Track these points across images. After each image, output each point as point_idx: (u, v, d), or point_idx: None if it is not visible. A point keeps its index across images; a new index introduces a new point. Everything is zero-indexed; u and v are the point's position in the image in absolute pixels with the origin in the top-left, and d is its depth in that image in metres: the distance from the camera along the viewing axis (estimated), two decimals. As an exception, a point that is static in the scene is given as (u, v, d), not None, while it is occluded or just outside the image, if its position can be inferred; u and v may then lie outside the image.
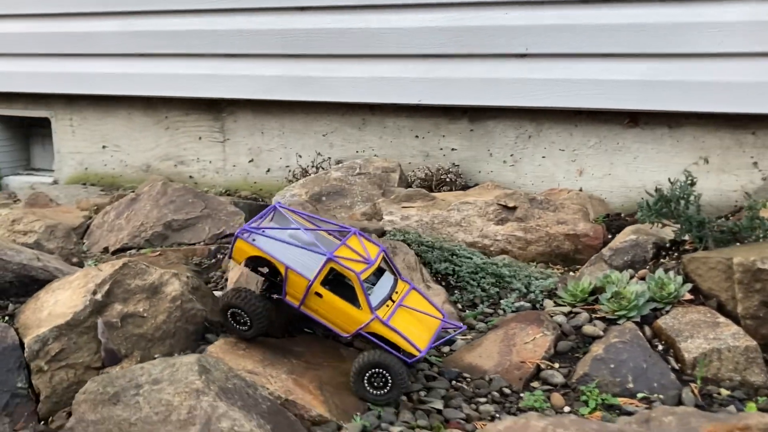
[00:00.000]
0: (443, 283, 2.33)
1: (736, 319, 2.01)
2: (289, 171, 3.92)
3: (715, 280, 2.05)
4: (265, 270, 1.86)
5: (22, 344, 1.60)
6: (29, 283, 1.81)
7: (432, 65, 3.63)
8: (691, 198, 2.22)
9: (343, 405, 1.61)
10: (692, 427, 1.44)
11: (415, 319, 1.85)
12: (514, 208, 3.01)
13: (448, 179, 3.68)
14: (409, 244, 2.35)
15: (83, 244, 3.20)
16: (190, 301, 1.78)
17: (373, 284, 1.89)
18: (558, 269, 2.81)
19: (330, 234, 1.99)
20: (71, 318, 1.60)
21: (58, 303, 1.65)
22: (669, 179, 2.34)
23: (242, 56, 3.94)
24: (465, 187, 3.61)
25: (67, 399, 1.55)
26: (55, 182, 4.55)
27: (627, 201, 3.49)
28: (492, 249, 2.95)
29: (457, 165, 3.75)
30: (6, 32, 4.35)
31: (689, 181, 2.21)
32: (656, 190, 2.26)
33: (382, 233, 2.46)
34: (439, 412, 1.68)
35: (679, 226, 2.23)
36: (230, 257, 1.87)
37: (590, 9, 3.35)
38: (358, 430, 1.53)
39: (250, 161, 4.15)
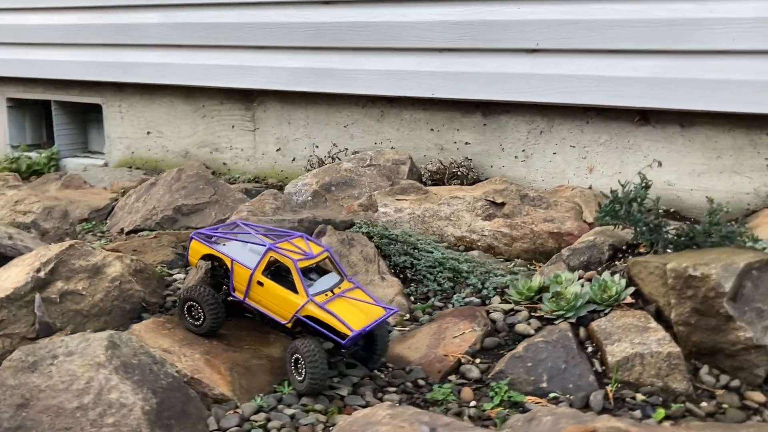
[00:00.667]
0: (401, 276, 2.41)
1: (671, 325, 2.00)
2: (308, 161, 4.07)
3: (654, 285, 2.05)
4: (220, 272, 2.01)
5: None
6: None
7: (446, 59, 3.69)
8: (646, 201, 2.21)
9: (248, 386, 1.74)
10: (560, 427, 1.49)
11: (353, 307, 1.91)
12: (502, 204, 3.05)
13: (459, 173, 3.73)
14: (371, 237, 2.45)
15: (105, 224, 3.47)
16: (129, 282, 1.96)
17: (314, 281, 1.98)
18: (540, 266, 2.83)
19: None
20: (11, 292, 1.81)
21: (8, 278, 1.87)
22: (618, 181, 2.32)
23: (271, 48, 4.11)
24: (476, 181, 3.65)
25: (-1, 365, 1.75)
26: (106, 165, 4.89)
27: (636, 200, 3.44)
28: (479, 244, 3.00)
29: (470, 159, 3.80)
30: (63, 23, 4.70)
31: (643, 184, 2.20)
32: (611, 191, 2.26)
33: (350, 225, 2.56)
34: (342, 398, 1.78)
35: (630, 228, 2.22)
36: (186, 259, 2.04)
37: (600, 4, 3.31)
38: (252, 409, 1.66)
39: (277, 150, 4.33)
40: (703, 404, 1.84)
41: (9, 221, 2.49)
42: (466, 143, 3.83)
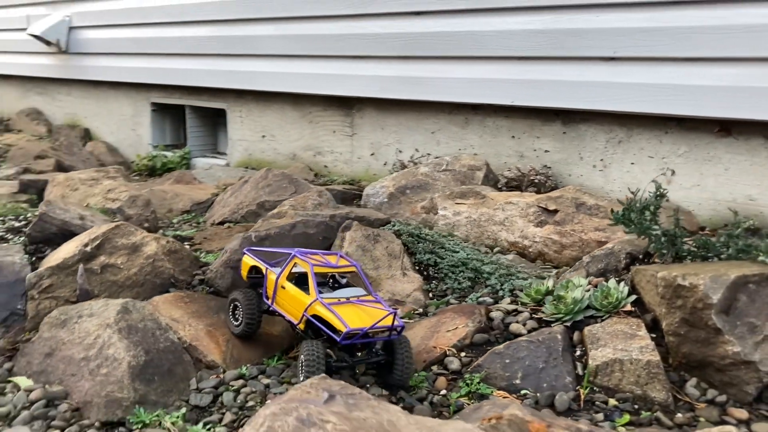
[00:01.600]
0: (424, 273, 2.54)
1: (664, 336, 1.99)
2: (393, 165, 4.26)
3: (651, 293, 2.04)
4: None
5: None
6: (68, 235, 2.41)
7: (526, 67, 3.74)
8: (659, 210, 2.19)
9: (239, 357, 1.97)
10: (482, 416, 1.58)
11: (361, 311, 1.95)
12: (554, 211, 3.07)
13: (537, 180, 3.76)
14: (399, 235, 2.60)
15: (204, 216, 3.87)
16: (161, 260, 2.26)
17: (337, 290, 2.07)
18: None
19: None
20: (61, 262, 2.16)
21: (62, 251, 2.22)
22: (629, 188, 2.30)
23: (367, 58, 4.36)
24: (553, 189, 3.67)
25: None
26: (227, 165, 5.38)
27: (715, 215, 3.31)
28: (530, 250, 3.05)
29: (549, 167, 3.82)
30: (195, 35, 5.24)
31: (658, 192, 2.18)
32: (627, 199, 2.26)
33: (385, 222, 2.73)
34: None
35: (637, 236, 2.21)
36: (239, 274, 2.25)
37: (679, 11, 3.23)
38: (234, 376, 1.88)
39: (371, 154, 4.56)
40: (678, 415, 1.82)
41: (100, 206, 2.91)
42: (546, 151, 3.85)
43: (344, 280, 2.16)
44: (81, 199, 3.01)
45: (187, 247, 2.56)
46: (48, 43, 6.23)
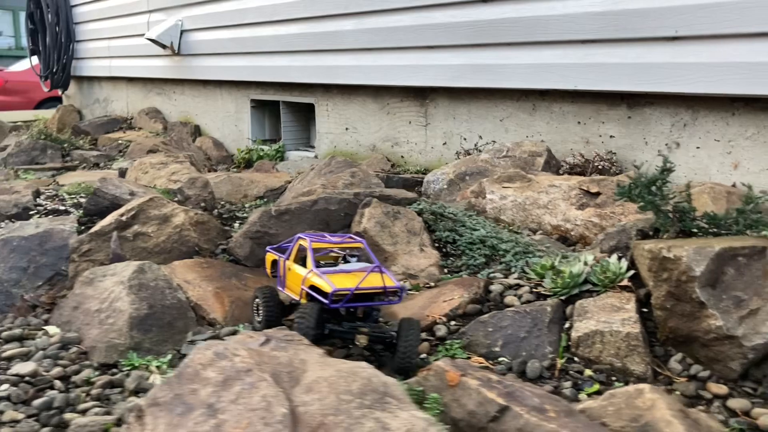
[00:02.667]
0: (443, 250, 2.61)
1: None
2: (458, 154, 4.33)
3: (644, 268, 2.02)
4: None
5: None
6: (119, 209, 2.69)
7: (588, 50, 3.69)
8: (666, 184, 2.15)
9: (239, 316, 2.14)
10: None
11: (354, 277, 1.97)
12: (596, 194, 3.04)
13: (601, 167, 3.71)
14: (421, 213, 2.68)
15: (275, 201, 4.12)
16: (188, 230, 2.48)
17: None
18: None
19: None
20: (99, 229, 2.44)
21: (105, 221, 2.50)
22: (633, 163, 2.25)
23: (438, 47, 4.45)
24: (617, 175, 3.60)
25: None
26: (315, 157, 5.64)
27: (784, 200, 3.13)
28: (572, 234, 3.03)
29: (614, 153, 3.75)
30: (286, 33, 5.54)
31: (665, 167, 2.15)
32: (636, 174, 2.23)
33: (412, 201, 2.82)
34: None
35: (643, 212, 2.18)
36: (258, 243, 2.40)
37: (742, -16, 3.09)
38: (229, 331, 2.06)
39: (443, 144, 4.65)
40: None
41: (163, 187, 3.21)
42: (611, 136, 3.78)
43: (354, 259, 2.17)
44: (149, 180, 3.33)
45: (216, 220, 2.78)
46: (163, 46, 6.78)
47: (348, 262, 2.14)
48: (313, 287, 1.94)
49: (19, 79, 11.95)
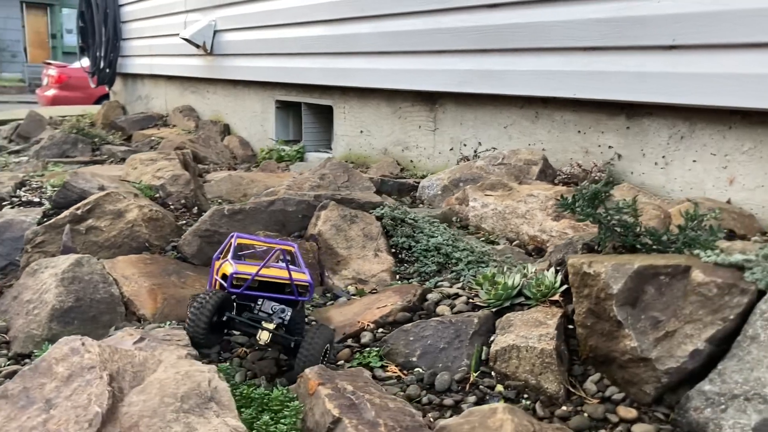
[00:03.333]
0: (399, 256, 2.58)
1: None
2: (456, 159, 4.26)
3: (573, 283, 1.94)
4: None
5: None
6: (87, 202, 2.75)
7: (590, 58, 3.60)
8: (609, 197, 2.06)
9: (168, 314, 2.15)
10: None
11: (267, 270, 1.93)
12: (573, 205, 2.94)
13: (597, 178, 3.60)
14: (381, 218, 2.65)
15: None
16: (139, 226, 2.51)
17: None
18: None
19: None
20: (54, 221, 2.49)
21: (63, 213, 2.56)
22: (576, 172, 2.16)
23: (445, 52, 4.41)
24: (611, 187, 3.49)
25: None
26: (331, 158, 5.64)
27: (779, 219, 2.98)
28: (548, 244, 2.95)
29: (612, 164, 3.63)
30: (306, 35, 5.58)
31: (607, 179, 2.06)
32: (576, 187, 2.15)
33: (375, 206, 2.78)
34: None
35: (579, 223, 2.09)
36: (207, 243, 2.42)
37: (740, -9, 2.95)
38: (150, 328, 2.07)
39: (450, 149, 4.59)
40: (563, 408, 1.73)
41: (147, 183, 3.27)
42: (609, 147, 3.67)
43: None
44: (137, 176, 3.39)
45: (171, 216, 2.80)
46: (197, 45, 6.92)
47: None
48: (223, 276, 1.91)
49: (80, 75, 12.37)
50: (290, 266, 1.93)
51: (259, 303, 1.91)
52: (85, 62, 9.46)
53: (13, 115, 9.59)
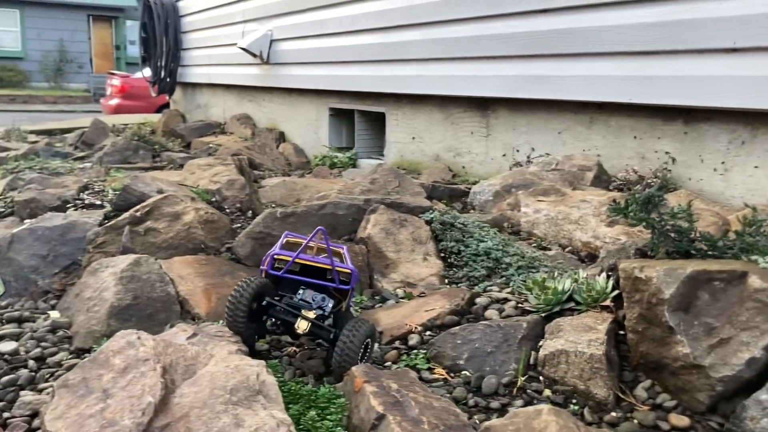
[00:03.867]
0: (448, 260, 2.58)
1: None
2: (509, 165, 4.24)
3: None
4: None
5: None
6: (145, 205, 2.83)
7: (642, 62, 3.54)
8: (663, 202, 2.02)
9: (222, 313, 2.18)
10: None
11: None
12: (627, 211, 2.89)
13: (653, 184, 3.53)
14: (430, 222, 2.65)
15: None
16: (195, 228, 2.57)
17: None
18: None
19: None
20: (114, 223, 2.57)
21: (123, 215, 2.64)
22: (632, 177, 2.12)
23: (497, 58, 4.40)
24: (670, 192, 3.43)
25: (93, 269, 2.48)
26: (383, 164, 5.67)
27: (844, 226, 2.86)
28: (601, 250, 2.90)
29: (669, 170, 3.55)
30: (359, 44, 5.63)
31: (661, 184, 2.02)
32: (630, 192, 2.11)
33: (425, 210, 2.79)
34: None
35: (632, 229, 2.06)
36: (260, 244, 2.46)
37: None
38: (204, 325, 2.11)
39: (503, 155, 4.57)
40: (612, 414, 1.70)
41: (203, 186, 3.35)
42: (666, 152, 3.59)
43: None
44: (195, 180, 3.47)
45: (226, 219, 2.85)
46: (254, 55, 7.05)
47: None
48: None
49: (142, 85, 12.74)
50: (334, 260, 1.91)
51: (300, 292, 1.89)
52: (147, 72, 9.73)
53: (78, 123, 9.93)
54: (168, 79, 9.25)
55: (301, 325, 1.79)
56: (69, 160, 6.33)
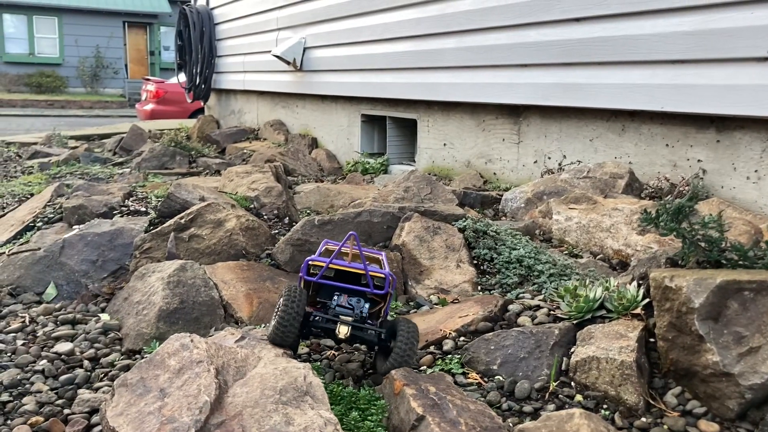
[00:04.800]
0: (480, 267, 2.64)
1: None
2: (541, 172, 4.28)
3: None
4: None
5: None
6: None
7: (677, 71, 3.57)
8: (693, 212, 2.07)
9: (264, 316, 2.29)
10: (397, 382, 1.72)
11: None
12: (658, 220, 2.93)
13: (685, 192, 3.56)
14: (464, 230, 2.72)
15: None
16: (237, 235, 2.67)
17: None
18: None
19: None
20: (159, 229, 2.68)
21: (168, 222, 2.74)
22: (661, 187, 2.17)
23: (530, 66, 4.45)
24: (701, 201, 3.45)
25: (141, 274, 2.60)
26: (415, 170, 5.75)
27: None
28: (633, 258, 2.95)
29: (701, 177, 3.58)
30: (392, 51, 5.72)
31: (692, 194, 2.07)
32: (661, 200, 2.16)
33: (458, 218, 2.86)
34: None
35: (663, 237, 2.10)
36: (299, 251, 2.56)
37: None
38: (249, 329, 2.20)
39: (534, 162, 4.62)
40: (643, 420, 1.76)
41: (242, 194, 3.45)
42: (698, 160, 3.62)
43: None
44: (233, 188, 3.58)
45: (265, 226, 2.95)
46: (287, 62, 7.18)
47: None
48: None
49: (176, 90, 12.96)
50: (369, 265, 1.94)
51: (336, 297, 1.92)
52: (182, 78, 9.93)
53: (115, 129, 10.18)
54: (203, 86, 9.43)
55: (342, 330, 1.83)
56: (108, 166, 6.52)
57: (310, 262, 1.92)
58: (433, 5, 5.23)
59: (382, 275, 1.95)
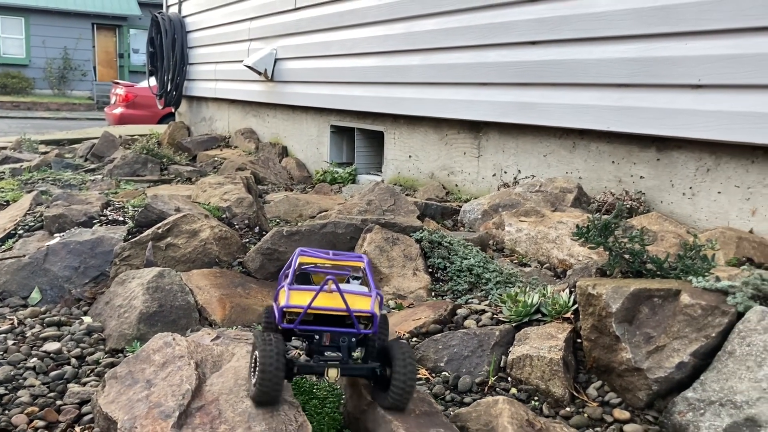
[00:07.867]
0: (435, 275, 2.92)
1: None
2: (497, 186, 4.58)
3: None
4: None
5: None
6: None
7: (622, 94, 3.89)
8: (618, 227, 2.36)
9: (236, 319, 2.54)
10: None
11: (332, 299, 1.70)
12: (598, 233, 3.23)
13: (629, 206, 3.88)
14: (420, 241, 3.00)
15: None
16: (211, 244, 2.91)
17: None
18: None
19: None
20: (138, 239, 2.92)
21: (145, 232, 2.98)
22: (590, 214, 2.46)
23: (489, 84, 4.75)
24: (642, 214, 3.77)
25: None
26: (382, 181, 6.02)
27: (796, 249, 3.21)
28: (576, 269, 3.24)
29: (643, 193, 3.91)
30: (360, 66, 5.99)
31: (617, 211, 2.37)
32: (589, 217, 2.46)
33: (416, 229, 3.13)
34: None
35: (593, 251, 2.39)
36: (268, 259, 2.81)
37: (764, 37, 3.22)
38: (222, 330, 2.45)
39: (493, 175, 4.92)
40: (567, 409, 2.04)
41: (214, 204, 3.69)
42: (641, 177, 3.94)
43: (357, 282, 1.96)
44: (206, 198, 3.82)
45: (237, 235, 3.20)
46: (259, 72, 7.41)
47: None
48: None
49: (146, 94, 13.10)
50: (353, 289, 1.76)
51: (317, 337, 1.71)
52: (153, 82, 10.10)
53: (86, 133, 10.29)
54: (174, 93, 9.61)
55: (331, 374, 1.66)
56: (80, 172, 6.69)
57: (285, 310, 1.67)
58: (400, 23, 5.52)
59: (369, 314, 1.70)
